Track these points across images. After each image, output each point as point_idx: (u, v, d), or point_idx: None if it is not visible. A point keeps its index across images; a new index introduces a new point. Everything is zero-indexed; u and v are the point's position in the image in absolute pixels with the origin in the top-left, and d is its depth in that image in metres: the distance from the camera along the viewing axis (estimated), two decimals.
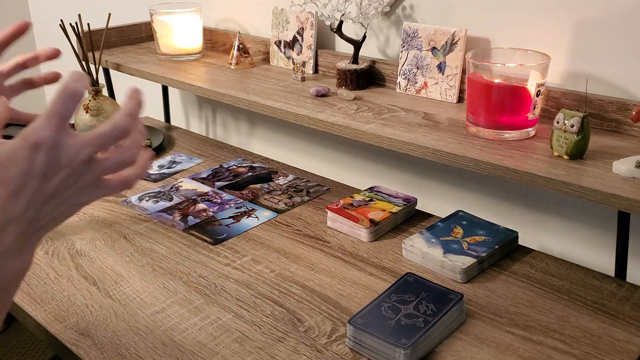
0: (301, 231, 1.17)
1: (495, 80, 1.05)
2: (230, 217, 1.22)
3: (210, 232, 1.17)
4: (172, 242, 1.13)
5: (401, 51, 1.29)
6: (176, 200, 1.29)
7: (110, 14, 1.57)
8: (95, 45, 1.54)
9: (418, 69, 1.27)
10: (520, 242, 1.10)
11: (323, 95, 1.29)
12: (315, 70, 1.46)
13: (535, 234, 1.27)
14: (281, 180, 1.38)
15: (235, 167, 1.46)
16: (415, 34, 1.26)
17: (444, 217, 1.16)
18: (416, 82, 1.28)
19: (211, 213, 1.23)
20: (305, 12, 1.43)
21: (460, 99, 1.23)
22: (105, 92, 1.62)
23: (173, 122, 1.90)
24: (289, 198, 1.30)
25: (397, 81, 1.31)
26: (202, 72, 1.51)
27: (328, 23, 1.32)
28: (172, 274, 1.04)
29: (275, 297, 0.97)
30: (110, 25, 1.61)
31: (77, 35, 1.50)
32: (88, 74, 1.51)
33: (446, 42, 1.22)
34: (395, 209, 1.17)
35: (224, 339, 0.88)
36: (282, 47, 1.51)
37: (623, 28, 1.05)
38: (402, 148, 1.06)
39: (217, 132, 1.90)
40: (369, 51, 1.40)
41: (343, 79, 1.32)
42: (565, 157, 0.96)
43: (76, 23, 1.49)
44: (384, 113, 1.19)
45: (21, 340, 1.98)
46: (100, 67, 1.57)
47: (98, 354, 0.85)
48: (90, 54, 1.53)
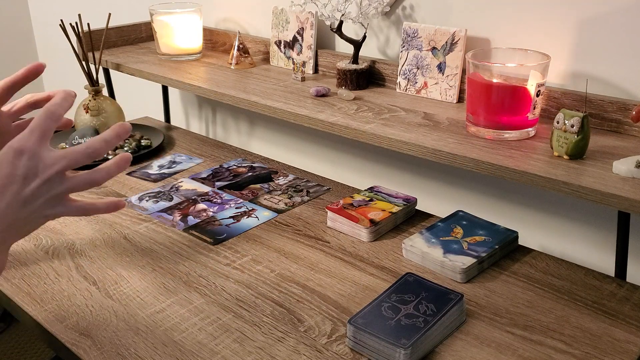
0: (301, 231, 1.17)
1: (495, 80, 1.05)
2: (230, 217, 1.22)
3: (210, 232, 1.17)
4: (172, 242, 1.13)
5: (401, 51, 1.29)
6: (176, 200, 1.29)
7: (110, 14, 1.57)
8: (95, 45, 1.54)
9: (418, 69, 1.27)
10: (520, 242, 1.10)
11: (323, 95, 1.29)
12: (315, 70, 1.46)
13: (535, 234, 1.27)
14: (281, 180, 1.38)
15: (235, 167, 1.46)
16: (415, 34, 1.26)
17: (444, 217, 1.16)
18: (416, 82, 1.28)
19: (211, 213, 1.23)
20: (305, 12, 1.43)
21: (460, 99, 1.23)
22: (105, 92, 1.62)
23: (173, 122, 1.90)
24: (289, 198, 1.30)
25: (397, 81, 1.31)
26: (202, 72, 1.51)
27: (328, 23, 1.33)
28: (172, 274, 1.04)
29: (275, 297, 0.97)
30: (110, 25, 1.61)
31: (77, 35, 1.50)
32: (88, 74, 1.51)
33: (446, 42, 1.22)
34: (395, 209, 1.17)
35: (224, 339, 0.88)
36: (282, 47, 1.51)
37: (623, 28, 1.05)
38: (402, 148, 1.06)
39: (217, 132, 1.90)
40: (369, 51, 1.40)
41: (343, 79, 1.33)
42: (565, 157, 0.96)
43: (76, 23, 1.49)
44: (384, 113, 1.19)
45: (21, 340, 1.98)
46: (100, 67, 1.57)
47: (98, 354, 0.85)
48: (90, 54, 1.53)
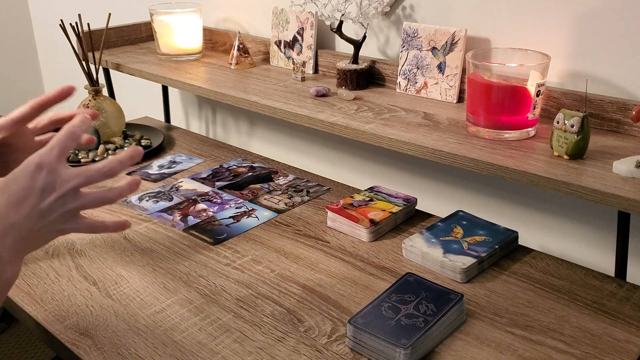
0: (301, 231, 1.17)
1: (495, 80, 1.05)
2: (230, 217, 1.22)
3: (210, 232, 1.17)
4: (172, 242, 1.13)
5: (401, 51, 1.29)
6: (176, 200, 1.29)
7: (110, 14, 1.57)
8: (95, 45, 1.54)
9: (418, 69, 1.27)
10: (520, 242, 1.10)
11: (323, 95, 1.29)
12: (315, 70, 1.46)
13: (535, 234, 1.27)
14: (281, 180, 1.38)
15: (235, 167, 1.45)
16: (415, 34, 1.26)
17: (444, 217, 1.16)
18: (416, 82, 1.28)
19: (211, 213, 1.23)
20: (305, 12, 1.43)
21: (460, 99, 1.23)
22: (105, 92, 1.62)
23: (173, 122, 1.90)
24: (289, 198, 1.29)
25: (397, 81, 1.31)
26: (202, 72, 1.51)
27: (328, 23, 1.33)
28: (172, 274, 1.04)
29: (275, 297, 0.97)
30: (110, 25, 1.61)
31: (77, 35, 1.50)
32: (88, 74, 1.51)
33: (446, 42, 1.22)
34: (395, 209, 1.17)
35: (224, 339, 0.88)
36: (282, 47, 1.51)
37: (623, 28, 1.05)
38: (402, 148, 1.06)
39: (217, 132, 1.90)
40: (369, 51, 1.40)
41: (343, 79, 1.33)
42: (565, 157, 0.96)
43: (76, 23, 1.49)
44: (384, 113, 1.19)
45: (21, 340, 1.98)
46: (100, 67, 1.57)
47: (98, 354, 0.85)
48: (90, 54, 1.53)
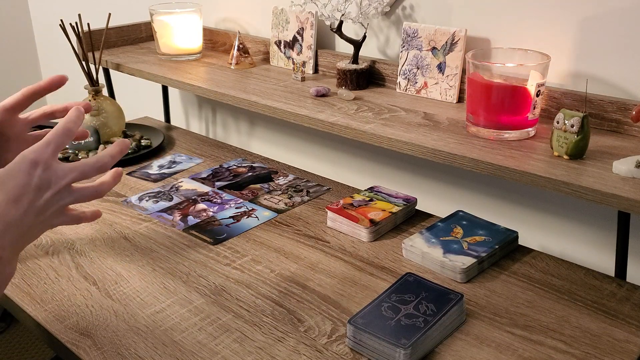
0: (301, 231, 1.17)
1: (495, 80, 1.05)
2: (230, 217, 1.22)
3: (210, 232, 1.17)
4: (172, 242, 1.13)
5: (401, 51, 1.29)
6: (176, 200, 1.29)
7: (110, 14, 1.57)
8: (95, 45, 1.54)
9: (418, 69, 1.27)
10: (520, 242, 1.10)
11: (323, 95, 1.29)
12: (315, 70, 1.46)
13: (535, 234, 1.27)
14: (281, 180, 1.38)
15: (235, 167, 1.45)
16: (415, 34, 1.26)
17: (444, 217, 1.16)
18: (416, 82, 1.28)
19: (211, 213, 1.23)
20: (305, 12, 1.43)
21: (460, 99, 1.23)
22: (105, 92, 1.62)
23: (173, 122, 1.90)
24: (289, 198, 1.29)
25: (397, 81, 1.31)
26: (202, 72, 1.51)
27: (328, 23, 1.32)
28: (172, 274, 1.04)
29: (275, 297, 0.97)
30: (110, 25, 1.61)
31: (77, 35, 1.50)
32: (88, 74, 1.51)
33: (446, 42, 1.22)
34: (395, 209, 1.17)
35: (224, 339, 0.88)
36: (282, 47, 1.51)
37: (623, 28, 1.05)
38: (402, 148, 1.06)
39: (217, 132, 1.90)
40: (369, 51, 1.40)
41: (343, 79, 1.32)
42: (565, 157, 0.96)
43: (76, 23, 1.49)
44: (384, 113, 1.19)
45: (21, 340, 1.98)
46: (100, 67, 1.57)
47: (98, 354, 0.85)
48: (90, 54, 1.53)
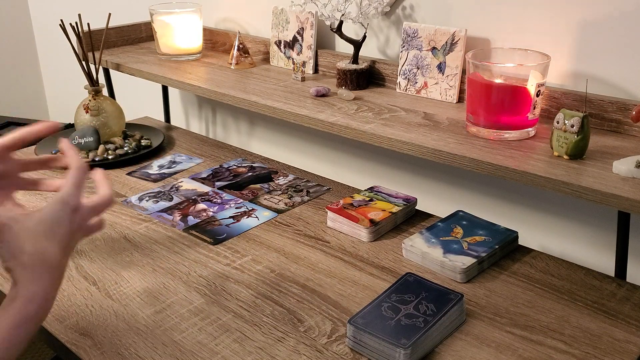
0: (301, 231, 1.17)
1: (495, 80, 1.05)
2: (230, 217, 1.22)
3: (210, 232, 1.17)
4: (172, 242, 1.13)
5: (401, 51, 1.29)
6: (176, 200, 1.29)
7: (110, 14, 1.57)
8: (95, 45, 1.54)
9: (418, 69, 1.27)
10: (520, 242, 1.10)
11: (323, 95, 1.29)
12: (315, 70, 1.46)
13: (535, 234, 1.27)
14: (281, 180, 1.38)
15: (235, 167, 1.45)
16: (415, 34, 1.26)
17: (444, 217, 1.16)
18: (416, 82, 1.28)
19: (211, 213, 1.23)
20: (305, 12, 1.43)
21: (460, 99, 1.23)
22: (105, 92, 1.62)
23: (173, 122, 1.90)
24: (289, 198, 1.29)
25: (397, 81, 1.31)
26: (202, 72, 1.51)
27: (328, 23, 1.32)
28: (172, 274, 1.04)
29: (275, 297, 0.97)
30: (110, 25, 1.61)
31: (77, 35, 1.50)
32: (88, 74, 1.51)
33: (446, 42, 1.22)
34: (395, 209, 1.17)
35: (224, 339, 0.88)
36: (282, 47, 1.51)
37: (623, 28, 1.05)
38: (402, 148, 1.06)
39: (217, 132, 1.90)
40: (369, 51, 1.40)
41: (343, 79, 1.32)
42: (565, 157, 0.96)
43: (76, 23, 1.49)
44: (384, 113, 1.19)
45: None
46: (100, 67, 1.57)
47: (98, 354, 0.85)
48: (90, 54, 1.53)
